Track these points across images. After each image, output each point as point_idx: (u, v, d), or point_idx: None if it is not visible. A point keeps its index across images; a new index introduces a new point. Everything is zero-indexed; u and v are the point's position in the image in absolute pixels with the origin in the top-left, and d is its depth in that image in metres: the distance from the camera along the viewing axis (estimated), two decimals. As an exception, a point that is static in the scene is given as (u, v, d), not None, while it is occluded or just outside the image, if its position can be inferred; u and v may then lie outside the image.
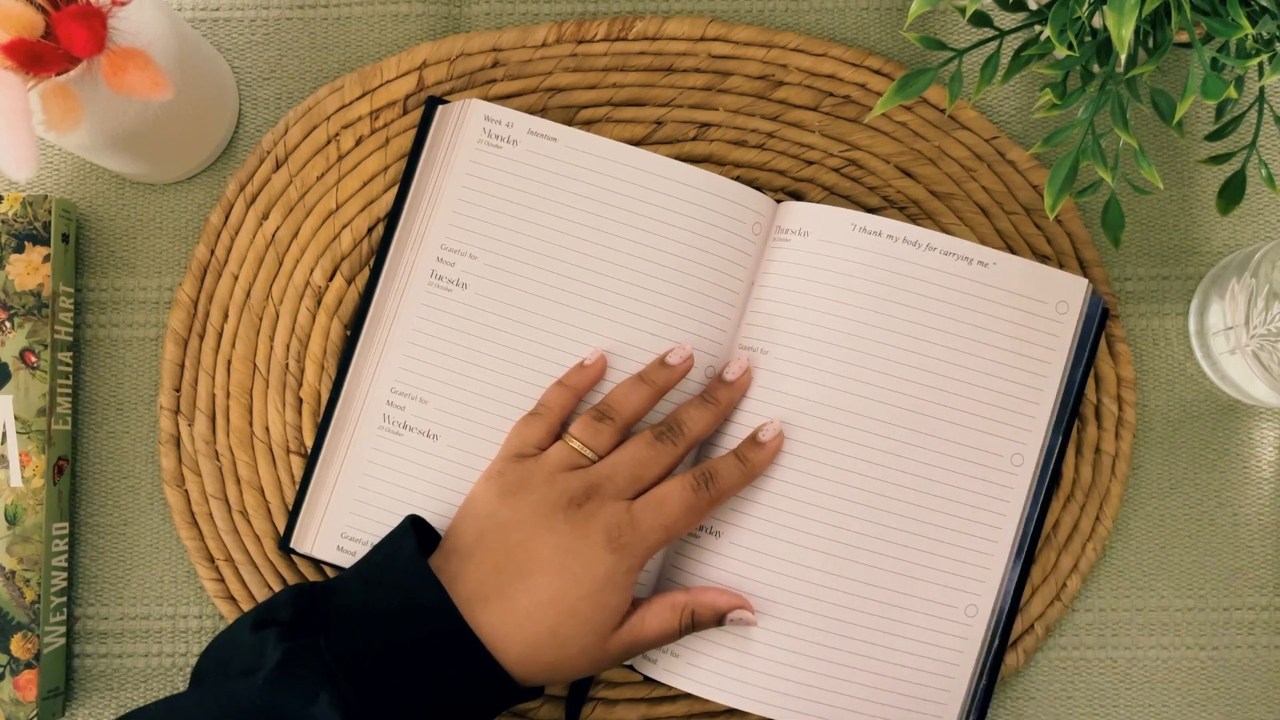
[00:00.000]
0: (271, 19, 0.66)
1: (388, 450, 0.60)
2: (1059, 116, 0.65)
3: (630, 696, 0.62)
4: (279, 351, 0.63)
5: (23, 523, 0.60)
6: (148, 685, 0.63)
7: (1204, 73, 0.48)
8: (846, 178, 0.64)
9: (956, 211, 0.64)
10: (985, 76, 0.54)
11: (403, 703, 0.52)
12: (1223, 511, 0.64)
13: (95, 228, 0.65)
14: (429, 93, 0.64)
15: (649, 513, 0.55)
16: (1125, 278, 0.64)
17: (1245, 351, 0.60)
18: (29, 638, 0.60)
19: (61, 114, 0.52)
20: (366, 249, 0.64)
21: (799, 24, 0.66)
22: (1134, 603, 0.63)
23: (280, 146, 0.64)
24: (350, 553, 0.60)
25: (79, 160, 0.65)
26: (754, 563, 0.58)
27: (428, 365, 0.60)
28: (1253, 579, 0.63)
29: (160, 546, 0.64)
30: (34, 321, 0.61)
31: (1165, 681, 0.63)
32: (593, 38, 0.65)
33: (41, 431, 0.61)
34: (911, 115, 0.64)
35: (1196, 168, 0.65)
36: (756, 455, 0.58)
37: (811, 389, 0.58)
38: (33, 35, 0.52)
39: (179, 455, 0.63)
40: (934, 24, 0.66)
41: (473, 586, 0.54)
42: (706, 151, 0.64)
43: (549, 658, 0.54)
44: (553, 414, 0.58)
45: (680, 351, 0.59)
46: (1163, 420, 0.64)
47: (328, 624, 0.53)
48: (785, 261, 0.60)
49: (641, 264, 0.60)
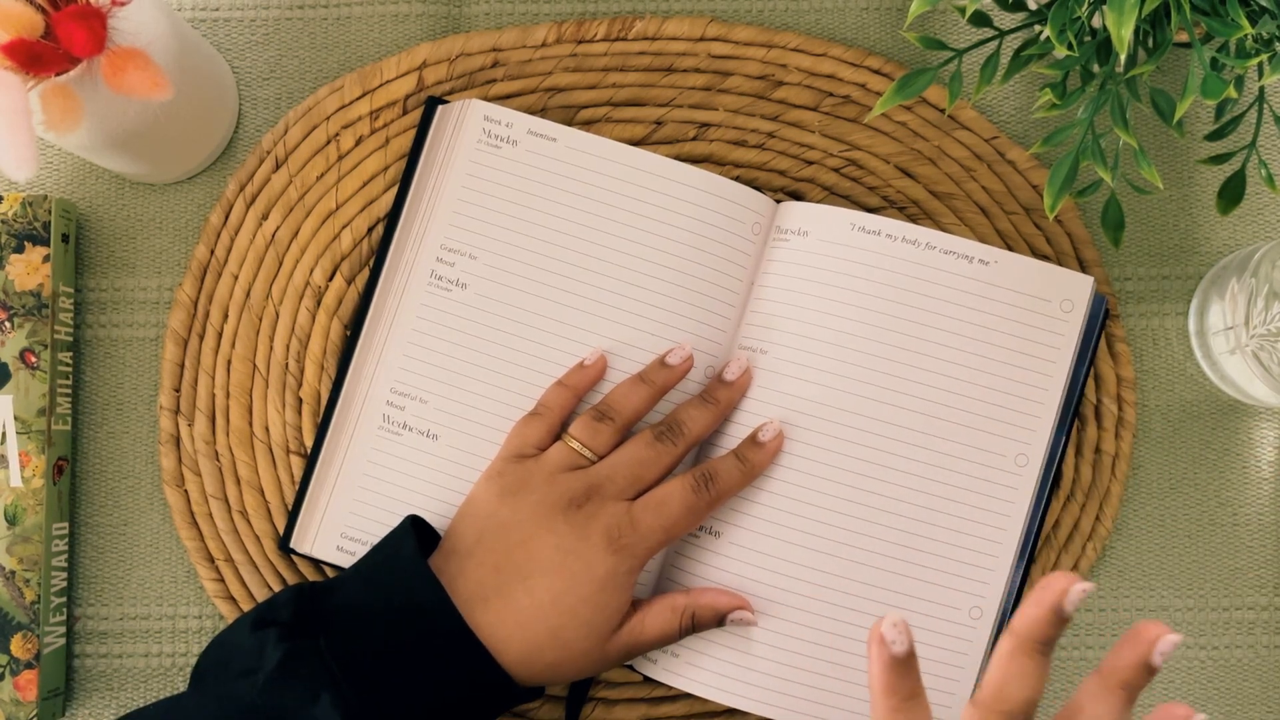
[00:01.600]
0: (271, 19, 0.66)
1: (388, 450, 0.60)
2: (1059, 116, 0.65)
3: (630, 696, 0.62)
4: (279, 351, 0.63)
5: (23, 523, 0.60)
6: (148, 685, 0.63)
7: (1204, 73, 0.48)
8: (846, 178, 0.64)
9: (956, 211, 0.64)
10: (985, 76, 0.54)
11: (403, 703, 0.52)
12: (1223, 511, 0.64)
13: (95, 228, 0.65)
14: (429, 93, 0.64)
15: (649, 513, 0.55)
16: (1125, 278, 0.64)
17: (1245, 351, 0.60)
18: (29, 638, 0.60)
19: (61, 114, 0.52)
20: (366, 249, 0.64)
21: (799, 24, 0.66)
22: (1134, 603, 0.63)
23: (280, 146, 0.64)
24: (350, 553, 0.60)
25: (79, 160, 0.65)
26: (754, 563, 0.58)
27: (427, 365, 0.60)
28: (1253, 579, 0.63)
29: (160, 546, 0.64)
30: (34, 321, 0.61)
31: (1165, 681, 0.63)
32: (592, 38, 0.65)
33: (41, 431, 0.61)
34: (911, 115, 0.64)
35: (1196, 168, 0.65)
36: (756, 455, 0.58)
37: (811, 389, 0.58)
38: (33, 35, 0.52)
39: (179, 455, 0.63)
40: (934, 24, 0.66)
41: (473, 587, 0.54)
42: (706, 151, 0.64)
43: (549, 658, 0.54)
44: (552, 414, 0.58)
45: (680, 351, 0.59)
46: (1163, 420, 0.64)
47: (328, 624, 0.53)
48: (785, 261, 0.60)
49: (641, 264, 0.60)
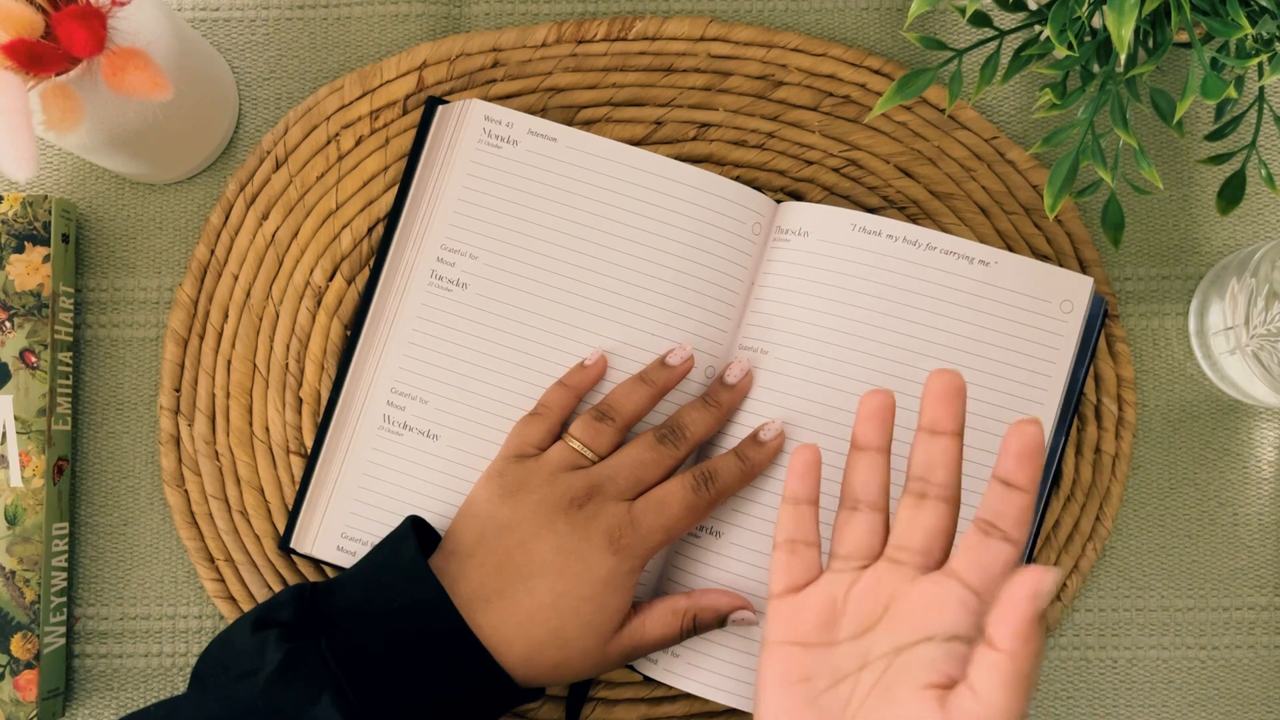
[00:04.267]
0: (271, 19, 0.66)
1: (388, 450, 0.60)
2: (1059, 116, 0.65)
3: (630, 696, 0.62)
4: (279, 351, 0.63)
5: (23, 523, 0.60)
6: (148, 685, 0.63)
7: (1204, 73, 0.48)
8: (846, 178, 0.64)
9: (956, 211, 0.64)
10: (985, 76, 0.54)
11: (403, 704, 0.52)
12: (1223, 511, 0.64)
13: (95, 228, 0.65)
14: (429, 93, 0.64)
15: (650, 513, 0.55)
16: (1125, 278, 0.64)
17: (1245, 351, 0.60)
18: (29, 638, 0.60)
19: (61, 114, 0.52)
20: (366, 249, 0.64)
21: (799, 24, 0.66)
22: (1134, 603, 0.63)
23: (280, 146, 0.64)
24: (350, 553, 0.60)
25: (79, 160, 0.65)
26: (754, 563, 0.58)
27: (428, 365, 0.60)
28: (1253, 579, 0.63)
29: (160, 546, 0.64)
30: (34, 321, 0.61)
31: (1165, 681, 0.63)
32: (593, 38, 0.65)
33: (41, 431, 0.61)
34: (911, 115, 0.64)
35: (1196, 168, 0.65)
36: (757, 454, 0.58)
37: (812, 389, 0.58)
38: (33, 35, 0.52)
39: (179, 455, 0.63)
40: (934, 24, 0.66)
41: (474, 587, 0.54)
42: (706, 151, 0.64)
43: (551, 659, 0.54)
44: (553, 414, 0.58)
45: (680, 352, 0.59)
46: (1163, 420, 0.64)
47: (328, 625, 0.53)
48: (785, 262, 0.60)
49: (641, 264, 0.60)
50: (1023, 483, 0.46)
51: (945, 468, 0.48)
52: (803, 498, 0.52)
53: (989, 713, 0.42)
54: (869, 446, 0.51)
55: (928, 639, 0.45)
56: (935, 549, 0.48)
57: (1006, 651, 0.43)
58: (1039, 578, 0.43)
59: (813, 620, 0.49)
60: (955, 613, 0.46)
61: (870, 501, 0.50)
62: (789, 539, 0.52)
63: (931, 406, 0.49)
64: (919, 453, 0.49)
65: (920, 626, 0.46)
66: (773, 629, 0.50)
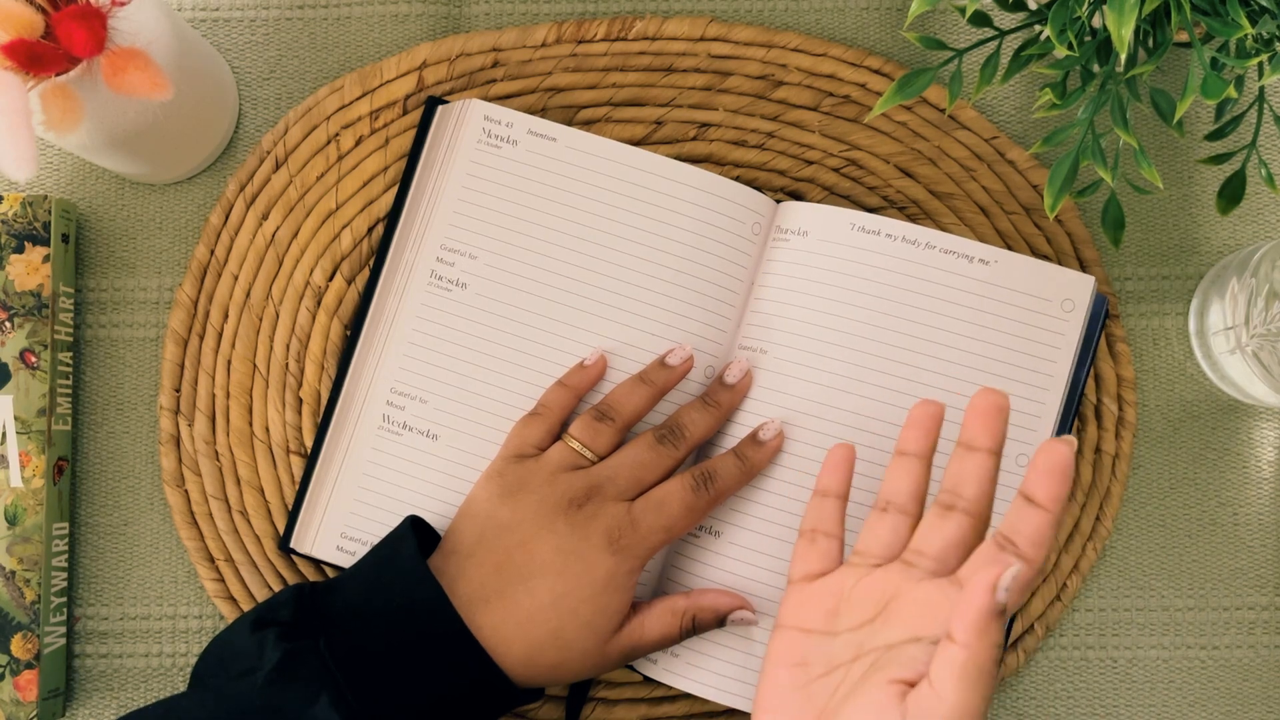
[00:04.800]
0: (271, 19, 0.66)
1: (388, 450, 0.60)
2: (1059, 116, 0.65)
3: (630, 696, 0.62)
4: (279, 351, 0.63)
5: (23, 523, 0.60)
6: (148, 685, 0.63)
7: (1204, 72, 0.48)
8: (846, 178, 0.64)
9: (956, 211, 0.64)
10: (985, 76, 0.54)
11: (402, 704, 0.52)
12: (1223, 511, 0.64)
13: (95, 228, 0.65)
14: (429, 93, 0.64)
15: (649, 514, 0.55)
16: (1125, 278, 0.64)
17: (1245, 351, 0.60)
18: (29, 638, 0.60)
19: (61, 114, 0.52)
20: (366, 249, 0.64)
21: (799, 24, 0.66)
22: (1134, 603, 0.63)
23: (280, 146, 0.64)
24: (350, 553, 0.60)
25: (79, 160, 0.65)
26: (754, 563, 0.58)
27: (427, 365, 0.60)
28: (1253, 579, 0.63)
29: (160, 546, 0.64)
30: (34, 321, 0.61)
31: (1165, 681, 0.63)
32: (592, 38, 0.65)
33: (41, 431, 0.61)
34: (911, 115, 0.64)
35: (1196, 168, 0.65)
36: (756, 454, 0.58)
37: (811, 389, 0.58)
38: (33, 35, 0.52)
39: (179, 455, 0.63)
40: (934, 24, 0.66)
41: (473, 588, 0.54)
42: (706, 151, 0.64)
43: (550, 659, 0.54)
44: (553, 414, 0.58)
45: (680, 352, 0.59)
46: (1163, 420, 0.64)
47: (328, 624, 0.53)
48: (785, 261, 0.60)
49: (641, 264, 0.60)
50: (1043, 500, 0.45)
51: (975, 483, 0.48)
52: (830, 491, 0.53)
53: (943, 707, 0.42)
54: (907, 452, 0.51)
55: (916, 639, 0.45)
56: (950, 558, 0.48)
57: (962, 644, 0.42)
58: (1000, 571, 0.43)
59: (818, 608, 0.50)
60: (948, 617, 0.46)
61: (900, 505, 0.51)
62: (811, 528, 0.53)
63: (971, 422, 0.49)
64: (953, 465, 0.49)
65: (912, 626, 0.46)
66: (784, 613, 0.52)
